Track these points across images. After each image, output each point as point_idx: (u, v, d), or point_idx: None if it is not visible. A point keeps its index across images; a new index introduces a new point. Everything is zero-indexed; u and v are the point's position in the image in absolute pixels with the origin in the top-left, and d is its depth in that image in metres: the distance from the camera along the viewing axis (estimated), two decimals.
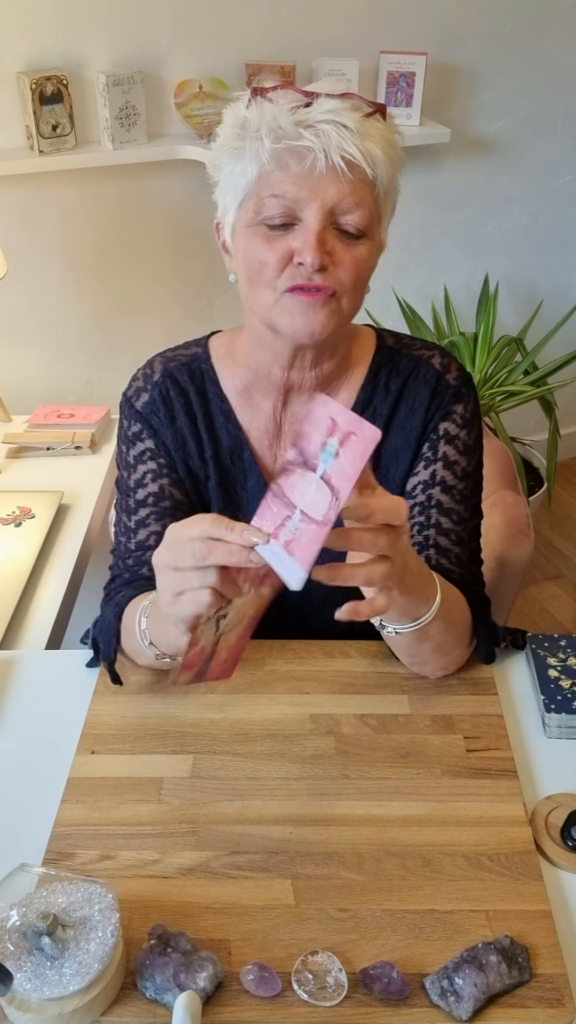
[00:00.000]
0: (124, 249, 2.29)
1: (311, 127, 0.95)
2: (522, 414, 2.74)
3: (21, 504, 1.57)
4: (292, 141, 0.95)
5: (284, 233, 0.98)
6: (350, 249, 0.99)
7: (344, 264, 0.99)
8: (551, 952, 0.83)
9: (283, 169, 0.96)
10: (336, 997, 0.79)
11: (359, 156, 0.95)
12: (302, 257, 0.97)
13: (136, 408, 1.18)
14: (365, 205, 0.98)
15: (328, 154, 0.94)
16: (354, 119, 0.95)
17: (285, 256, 0.98)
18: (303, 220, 0.97)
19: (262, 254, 0.99)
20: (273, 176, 0.97)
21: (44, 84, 1.98)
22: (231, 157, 1.01)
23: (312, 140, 0.94)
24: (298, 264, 0.98)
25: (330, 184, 0.96)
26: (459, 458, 1.15)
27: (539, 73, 2.53)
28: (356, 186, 0.97)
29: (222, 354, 1.19)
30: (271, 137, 0.96)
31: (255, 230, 1.00)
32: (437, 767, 1.01)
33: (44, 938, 0.78)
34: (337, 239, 0.99)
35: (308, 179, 0.96)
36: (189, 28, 2.12)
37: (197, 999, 0.74)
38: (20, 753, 1.05)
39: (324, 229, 0.97)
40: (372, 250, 1.02)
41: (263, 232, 0.99)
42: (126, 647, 1.10)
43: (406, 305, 2.58)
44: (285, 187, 0.96)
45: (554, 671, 1.12)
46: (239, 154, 0.99)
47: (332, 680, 1.13)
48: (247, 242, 1.01)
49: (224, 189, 1.03)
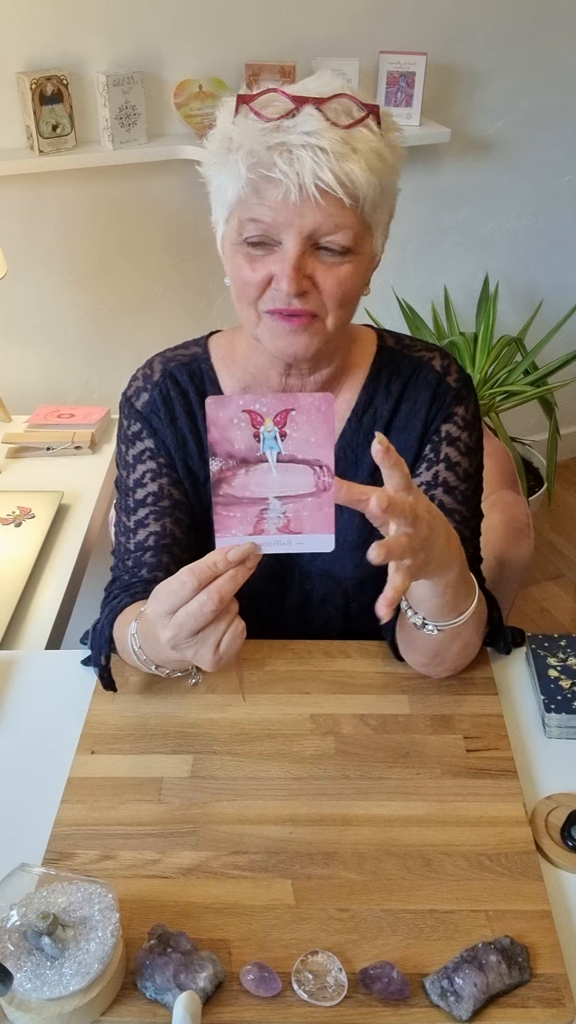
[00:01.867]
0: (124, 249, 2.29)
1: (287, 152, 0.92)
2: (522, 414, 2.74)
3: (21, 504, 1.57)
4: (265, 171, 0.93)
5: (266, 254, 0.98)
6: (332, 270, 0.98)
7: (326, 287, 0.98)
8: (551, 952, 0.83)
9: (259, 195, 0.95)
10: (336, 997, 0.79)
11: (334, 183, 0.92)
12: (279, 284, 0.97)
13: (136, 408, 1.18)
14: (346, 226, 0.96)
15: (303, 185, 0.92)
16: (334, 138, 0.92)
17: (266, 279, 0.98)
18: (283, 244, 0.96)
19: (245, 275, 0.99)
20: (251, 201, 0.96)
21: (44, 84, 1.98)
22: (217, 170, 1.00)
23: (285, 170, 0.92)
24: (277, 289, 0.98)
25: (307, 210, 0.94)
26: (461, 459, 1.15)
27: (539, 73, 2.52)
28: (335, 210, 0.94)
29: (222, 354, 1.19)
30: (246, 164, 0.94)
31: (238, 249, 1.00)
32: (437, 767, 1.01)
33: (44, 938, 0.78)
34: (319, 261, 0.97)
35: (284, 206, 0.94)
36: (189, 28, 2.12)
37: (197, 999, 0.74)
38: (20, 753, 1.05)
39: (302, 255, 0.96)
40: (360, 265, 1.00)
41: (245, 252, 0.99)
42: (122, 655, 1.10)
43: (406, 305, 2.58)
44: (262, 212, 0.95)
45: (554, 671, 1.12)
46: (222, 169, 0.98)
47: (332, 680, 1.13)
48: (232, 260, 1.02)
49: (214, 198, 1.03)
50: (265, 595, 1.22)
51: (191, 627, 0.82)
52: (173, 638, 0.83)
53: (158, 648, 0.94)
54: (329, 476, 0.79)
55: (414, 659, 1.11)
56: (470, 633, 1.04)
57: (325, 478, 0.78)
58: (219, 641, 0.83)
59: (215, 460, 0.78)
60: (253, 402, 0.76)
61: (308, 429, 0.77)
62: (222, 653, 0.84)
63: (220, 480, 0.79)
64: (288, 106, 0.94)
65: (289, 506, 0.79)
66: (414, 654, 1.11)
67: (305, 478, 0.79)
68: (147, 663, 1.01)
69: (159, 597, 0.84)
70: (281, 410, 0.76)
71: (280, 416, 0.77)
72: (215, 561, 0.81)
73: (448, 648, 1.06)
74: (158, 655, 0.98)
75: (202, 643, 0.84)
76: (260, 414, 0.77)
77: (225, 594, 0.81)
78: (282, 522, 0.80)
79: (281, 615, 1.25)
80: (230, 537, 0.81)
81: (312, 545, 0.81)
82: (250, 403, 0.76)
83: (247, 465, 0.78)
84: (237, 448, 0.78)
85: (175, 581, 0.82)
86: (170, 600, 0.82)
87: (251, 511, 0.80)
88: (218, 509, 0.80)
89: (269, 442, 0.77)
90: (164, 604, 0.83)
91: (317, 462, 0.78)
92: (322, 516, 0.80)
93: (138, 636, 1.00)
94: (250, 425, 0.77)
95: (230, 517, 0.80)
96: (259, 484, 0.79)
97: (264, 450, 0.78)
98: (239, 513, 0.80)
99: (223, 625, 0.83)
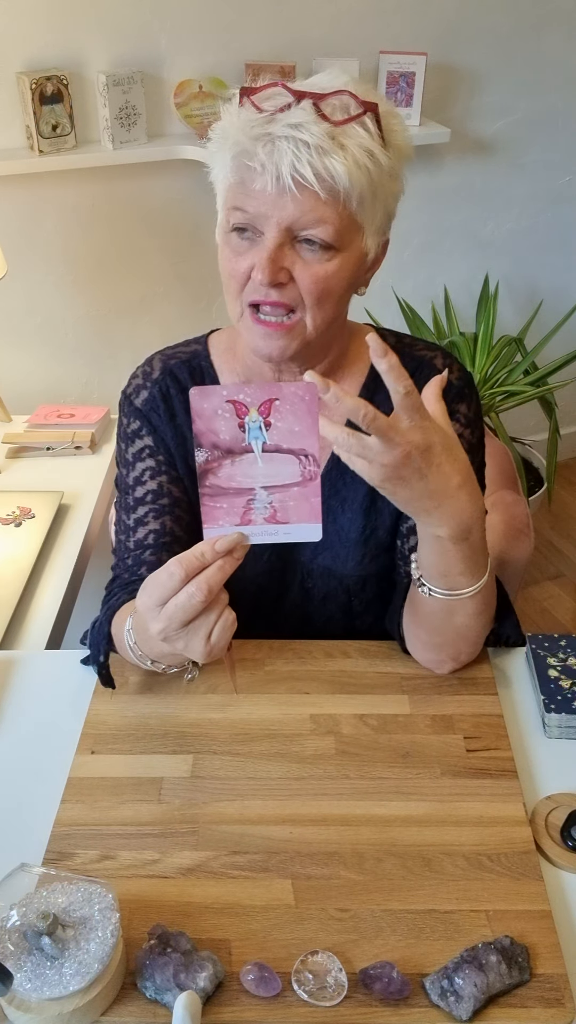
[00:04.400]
0: (124, 249, 2.29)
1: (269, 143, 0.93)
2: (522, 414, 2.74)
3: (21, 504, 1.57)
4: (246, 160, 0.94)
5: (250, 246, 0.99)
6: (312, 266, 0.98)
7: (303, 282, 0.98)
8: (551, 952, 0.83)
9: (243, 185, 0.96)
10: (336, 997, 0.79)
11: (310, 177, 0.92)
12: (255, 274, 0.98)
13: (135, 405, 1.18)
14: (328, 221, 0.96)
15: (279, 175, 0.93)
16: (319, 132, 0.92)
17: (247, 270, 0.99)
18: (264, 235, 0.97)
19: (229, 265, 1.00)
20: (237, 189, 0.97)
21: (44, 84, 1.98)
22: (214, 161, 1.01)
23: (264, 160, 0.93)
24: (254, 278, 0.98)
25: (287, 201, 0.94)
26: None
27: (539, 73, 2.52)
28: (315, 203, 0.94)
29: (222, 350, 1.19)
30: (232, 151, 0.95)
31: (227, 239, 1.01)
32: (437, 767, 1.01)
33: (44, 938, 0.78)
34: (298, 255, 0.98)
35: (265, 197, 0.95)
36: (189, 28, 2.12)
37: (197, 999, 0.74)
38: (20, 753, 1.05)
39: (281, 246, 0.96)
40: (346, 263, 1.00)
41: (233, 243, 1.00)
42: (120, 652, 1.10)
43: (406, 305, 2.58)
44: (246, 202, 0.96)
45: (554, 671, 1.12)
46: (217, 158, 1.00)
47: (332, 680, 1.13)
48: (221, 250, 1.02)
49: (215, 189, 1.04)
50: (266, 593, 1.22)
51: (181, 618, 0.82)
52: (163, 630, 0.84)
53: (150, 641, 0.94)
54: (315, 465, 0.79)
55: (416, 635, 1.10)
56: (469, 615, 1.03)
57: (311, 467, 0.79)
58: (210, 632, 0.84)
59: (201, 451, 0.79)
60: (237, 392, 0.77)
61: (292, 419, 0.78)
62: (213, 643, 0.84)
63: (206, 471, 0.79)
64: (287, 100, 0.95)
65: (275, 496, 0.80)
66: (415, 627, 1.10)
67: (291, 468, 0.79)
68: (142, 658, 1.01)
69: (147, 589, 0.84)
70: (265, 400, 0.77)
71: (264, 406, 0.77)
72: (203, 551, 0.81)
73: (446, 623, 1.05)
74: (151, 649, 0.98)
75: (193, 634, 0.84)
76: (244, 404, 0.77)
77: (214, 584, 0.81)
78: (269, 512, 0.81)
79: (281, 613, 1.24)
80: (217, 528, 0.81)
81: (300, 535, 0.82)
82: (234, 393, 0.77)
83: (232, 455, 0.79)
84: (222, 439, 0.78)
85: (163, 572, 0.82)
86: (159, 592, 0.82)
87: (238, 501, 0.80)
88: (205, 500, 0.80)
89: (254, 432, 0.78)
90: (153, 596, 0.83)
91: (302, 451, 0.79)
92: (308, 506, 0.80)
93: (133, 631, 1.00)
94: (235, 415, 0.78)
95: (217, 508, 0.81)
96: (245, 474, 0.79)
97: (249, 440, 0.78)
98: (226, 504, 0.80)
99: (213, 616, 0.83)
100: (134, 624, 1.00)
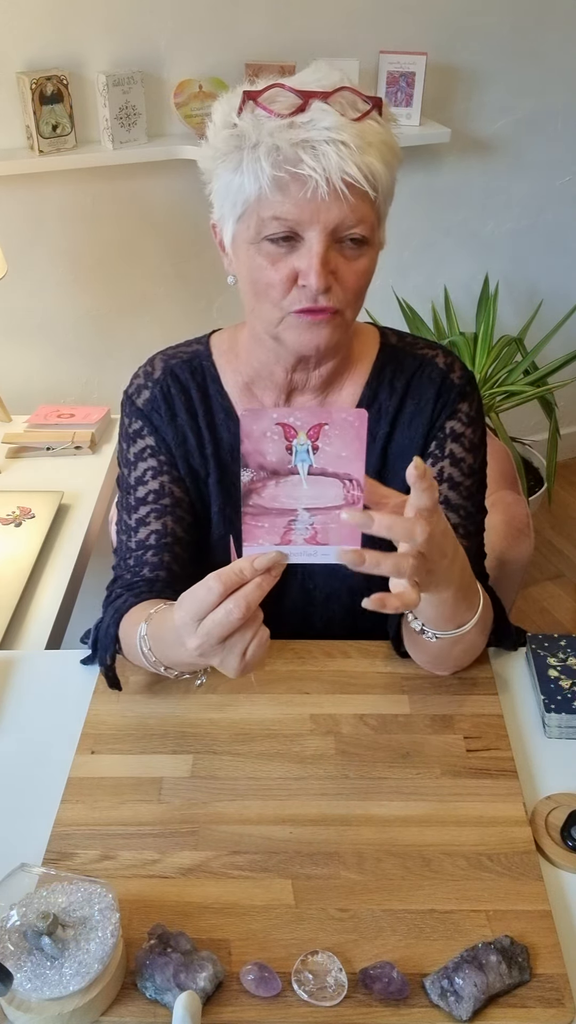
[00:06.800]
0: (124, 249, 2.29)
1: (311, 148, 0.93)
2: (522, 414, 2.74)
3: (21, 504, 1.57)
4: (291, 167, 0.94)
5: (288, 252, 0.98)
6: (352, 264, 0.99)
7: (347, 281, 0.99)
8: (551, 952, 0.83)
9: (284, 193, 0.95)
10: (336, 997, 0.79)
11: (360, 177, 0.94)
12: (307, 280, 0.97)
13: (137, 405, 1.18)
14: (367, 218, 0.98)
15: (330, 179, 0.93)
16: (353, 133, 0.93)
17: (290, 277, 0.98)
18: (306, 240, 0.97)
19: (267, 275, 0.99)
20: (274, 199, 0.96)
21: (44, 84, 1.98)
22: (227, 168, 0.99)
23: (313, 165, 0.93)
24: (302, 286, 0.98)
25: (331, 206, 0.95)
26: (465, 455, 1.15)
27: (539, 73, 2.52)
28: (357, 203, 0.96)
29: (224, 350, 1.19)
30: (269, 160, 0.94)
31: (259, 248, 0.99)
32: (437, 767, 1.01)
33: (44, 938, 0.78)
34: (340, 255, 0.98)
35: (310, 203, 0.95)
36: (189, 28, 2.12)
37: (197, 999, 0.74)
38: (20, 753, 1.05)
39: (327, 250, 0.97)
40: (373, 256, 1.02)
41: (266, 251, 0.99)
42: (127, 655, 1.09)
43: (406, 305, 2.58)
44: (287, 210, 0.96)
45: (554, 671, 1.12)
46: (236, 167, 0.97)
47: (332, 680, 1.13)
48: (250, 259, 1.01)
49: (221, 196, 1.02)
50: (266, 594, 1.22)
51: (219, 634, 0.82)
52: (200, 646, 0.84)
53: (177, 652, 0.93)
54: (358, 490, 0.80)
55: (417, 656, 1.12)
56: (472, 638, 1.04)
57: (354, 492, 0.80)
58: (245, 649, 0.84)
59: (247, 471, 0.79)
60: (287, 415, 0.78)
61: (340, 444, 0.78)
62: (248, 661, 0.84)
63: (250, 491, 0.80)
64: (295, 101, 0.95)
65: (317, 518, 0.81)
66: (416, 652, 1.11)
67: (335, 491, 0.80)
68: (156, 664, 1.00)
69: (184, 604, 0.84)
70: (315, 424, 0.78)
71: (313, 430, 0.78)
72: (241, 568, 0.81)
73: (450, 652, 1.06)
74: (173, 658, 0.98)
75: (229, 651, 0.84)
76: (294, 427, 0.78)
77: (252, 601, 0.81)
78: (309, 533, 0.81)
79: (280, 615, 1.24)
80: (257, 546, 0.82)
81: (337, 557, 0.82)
82: (284, 416, 0.78)
83: (278, 477, 0.79)
84: (269, 460, 0.79)
85: (202, 587, 0.82)
86: (196, 606, 0.82)
87: (279, 522, 0.81)
88: (247, 519, 0.81)
89: (301, 455, 0.79)
90: (190, 611, 0.83)
91: (347, 476, 0.80)
92: (349, 529, 0.81)
93: (148, 638, 1.00)
94: (283, 438, 0.78)
95: (258, 527, 0.81)
96: (289, 496, 0.80)
97: (296, 462, 0.79)
98: (267, 523, 0.81)
99: (249, 633, 0.83)
100: (151, 631, 0.99)
